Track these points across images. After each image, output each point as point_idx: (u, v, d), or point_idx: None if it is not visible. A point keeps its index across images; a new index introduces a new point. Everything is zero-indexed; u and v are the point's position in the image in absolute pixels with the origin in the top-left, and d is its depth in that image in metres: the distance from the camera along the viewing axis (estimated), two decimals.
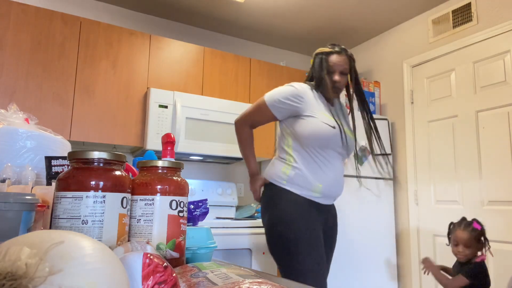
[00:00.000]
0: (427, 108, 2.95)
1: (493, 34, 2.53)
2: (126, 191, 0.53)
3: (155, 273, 0.36)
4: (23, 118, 1.00)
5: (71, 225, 0.48)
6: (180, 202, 0.59)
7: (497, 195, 2.43)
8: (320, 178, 1.60)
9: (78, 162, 0.51)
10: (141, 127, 2.57)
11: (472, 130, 2.62)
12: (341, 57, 1.65)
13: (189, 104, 2.63)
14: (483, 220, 2.48)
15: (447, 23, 2.83)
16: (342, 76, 1.65)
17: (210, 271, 0.46)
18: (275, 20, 3.19)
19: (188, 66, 2.80)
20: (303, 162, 1.61)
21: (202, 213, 0.74)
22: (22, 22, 2.31)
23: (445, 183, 2.76)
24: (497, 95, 2.49)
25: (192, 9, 3.03)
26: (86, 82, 2.44)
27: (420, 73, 3.03)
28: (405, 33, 3.17)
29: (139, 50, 2.64)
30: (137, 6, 2.99)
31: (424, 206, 2.89)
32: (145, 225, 0.56)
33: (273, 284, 0.35)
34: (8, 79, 2.23)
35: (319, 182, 1.59)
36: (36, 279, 0.25)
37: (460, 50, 2.74)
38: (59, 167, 0.80)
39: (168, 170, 0.60)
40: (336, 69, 1.64)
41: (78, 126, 2.38)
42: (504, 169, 2.41)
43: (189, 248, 0.67)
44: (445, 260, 2.68)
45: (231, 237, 2.33)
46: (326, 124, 1.58)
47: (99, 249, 0.30)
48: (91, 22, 2.51)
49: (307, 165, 1.60)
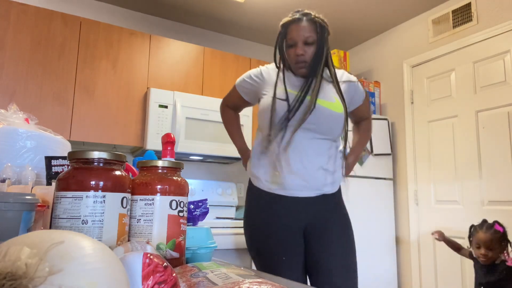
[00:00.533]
0: (427, 108, 2.94)
1: (493, 34, 2.53)
2: (126, 191, 0.53)
3: (155, 273, 0.36)
4: (23, 118, 1.00)
5: (71, 225, 0.48)
6: (180, 202, 0.59)
7: (497, 195, 2.43)
8: (279, 164, 1.33)
9: (78, 162, 0.51)
10: (141, 127, 2.57)
11: (472, 130, 2.62)
12: (302, 25, 1.34)
13: (189, 104, 2.63)
14: None
15: (447, 23, 2.83)
16: (307, 46, 1.34)
17: (210, 271, 0.46)
18: (275, 20, 3.19)
19: (188, 66, 2.80)
20: (256, 148, 1.42)
21: (202, 213, 0.74)
22: (22, 22, 2.31)
23: (445, 183, 2.76)
24: (497, 95, 2.49)
25: (192, 9, 3.03)
26: (86, 82, 2.44)
27: (420, 73, 3.03)
28: (405, 33, 3.17)
29: (139, 50, 2.64)
30: (137, 6, 2.99)
31: (424, 206, 2.89)
32: (145, 225, 0.56)
33: (273, 284, 0.35)
34: (8, 79, 2.23)
35: (275, 170, 1.34)
36: (36, 279, 0.25)
37: (460, 50, 2.74)
38: (59, 167, 0.80)
39: (168, 170, 0.60)
40: (297, 40, 1.34)
41: (78, 126, 2.38)
42: (504, 169, 2.41)
43: (189, 248, 0.67)
44: (445, 259, 2.68)
45: (231, 237, 2.33)
46: (277, 98, 1.34)
47: (99, 249, 0.30)
48: (91, 22, 2.51)
49: (260, 152, 1.40)
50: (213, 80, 2.88)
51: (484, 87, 2.58)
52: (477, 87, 2.63)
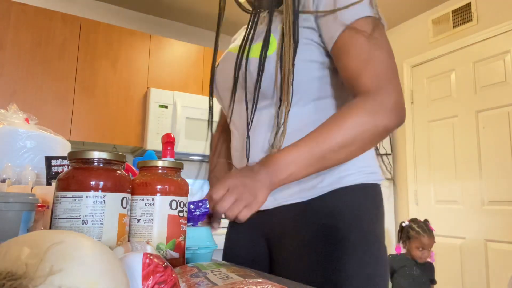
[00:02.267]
0: (427, 108, 2.94)
1: (493, 34, 2.53)
2: (126, 191, 0.53)
3: (155, 273, 0.36)
4: (23, 118, 1.00)
5: (71, 225, 0.48)
6: (180, 202, 0.59)
7: (497, 195, 2.43)
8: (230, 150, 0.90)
9: (78, 162, 0.51)
10: (141, 127, 2.57)
11: (472, 130, 2.62)
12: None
13: (189, 104, 2.63)
14: (483, 220, 2.49)
15: (447, 23, 2.83)
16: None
17: (210, 271, 0.46)
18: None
19: (188, 66, 2.80)
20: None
21: (202, 213, 0.73)
22: (22, 22, 2.31)
23: (445, 183, 2.76)
24: (497, 95, 2.49)
25: (192, 9, 3.03)
26: (86, 82, 2.44)
27: (420, 73, 3.03)
28: (405, 33, 3.17)
29: (139, 50, 2.64)
30: (137, 6, 2.99)
31: (424, 206, 2.89)
32: (145, 225, 0.56)
33: (273, 284, 0.35)
34: (8, 79, 2.23)
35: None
36: (36, 279, 0.25)
37: (460, 50, 2.74)
38: (59, 167, 0.80)
39: (168, 170, 0.60)
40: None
41: (78, 126, 2.38)
42: (504, 169, 2.41)
43: (189, 248, 0.67)
44: (446, 260, 2.68)
45: None
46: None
47: (99, 249, 0.30)
48: (91, 22, 2.51)
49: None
50: None
51: (484, 87, 2.58)
52: (477, 87, 2.62)
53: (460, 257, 2.57)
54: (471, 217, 2.55)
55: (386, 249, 0.77)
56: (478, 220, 2.51)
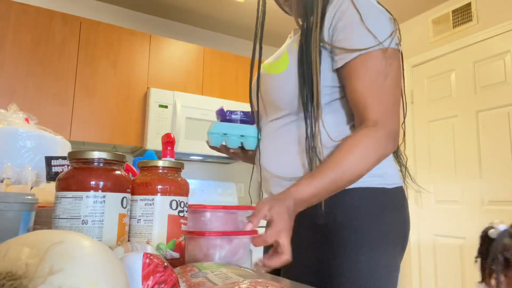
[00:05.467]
0: (427, 108, 2.94)
1: (493, 34, 2.53)
2: (126, 191, 0.53)
3: (155, 273, 0.36)
4: (23, 118, 1.00)
5: (71, 225, 0.48)
6: (180, 202, 0.59)
7: (497, 195, 2.43)
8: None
9: (78, 162, 0.51)
10: (141, 127, 2.57)
11: (472, 130, 2.62)
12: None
13: (189, 104, 2.63)
14: (483, 220, 2.48)
15: (447, 23, 2.83)
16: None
17: (210, 271, 0.46)
18: (275, 20, 3.19)
19: (188, 66, 2.80)
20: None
21: (241, 117, 0.92)
22: (22, 22, 2.31)
23: (445, 183, 2.76)
24: (497, 95, 2.49)
25: (192, 9, 3.03)
26: (86, 82, 2.44)
27: (420, 73, 3.03)
28: (405, 33, 3.17)
29: (139, 50, 2.64)
30: (137, 6, 2.99)
31: (424, 206, 2.89)
32: (145, 225, 0.56)
33: (273, 284, 0.35)
34: (8, 79, 2.23)
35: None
36: (36, 279, 0.25)
37: (460, 50, 2.74)
38: (59, 167, 0.80)
39: (169, 170, 0.60)
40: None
41: (78, 126, 2.38)
42: (504, 169, 2.41)
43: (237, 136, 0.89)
44: (445, 259, 2.68)
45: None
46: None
47: (99, 249, 0.30)
48: (91, 22, 2.51)
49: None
50: (213, 80, 2.88)
51: (484, 87, 2.58)
52: (477, 87, 2.62)
53: (460, 257, 2.57)
54: (471, 217, 2.55)
55: (391, 253, 0.78)
56: (478, 220, 2.50)
